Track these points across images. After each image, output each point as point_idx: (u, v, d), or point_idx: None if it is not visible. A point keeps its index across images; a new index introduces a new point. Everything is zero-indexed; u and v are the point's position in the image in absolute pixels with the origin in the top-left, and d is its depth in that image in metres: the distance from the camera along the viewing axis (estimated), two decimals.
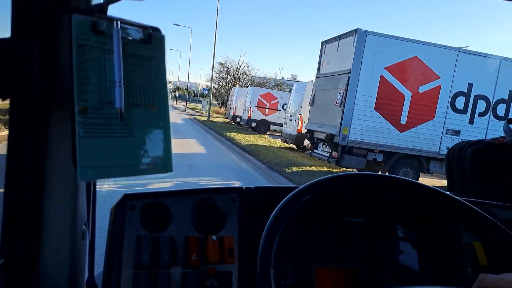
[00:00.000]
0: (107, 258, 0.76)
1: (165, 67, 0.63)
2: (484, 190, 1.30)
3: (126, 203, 0.78)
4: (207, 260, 0.77)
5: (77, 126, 0.54)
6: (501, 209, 0.99)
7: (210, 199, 0.83)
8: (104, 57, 0.57)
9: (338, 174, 0.74)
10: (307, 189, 0.71)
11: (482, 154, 1.32)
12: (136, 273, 0.74)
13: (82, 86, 0.55)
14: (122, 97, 0.57)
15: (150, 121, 0.61)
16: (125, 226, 0.77)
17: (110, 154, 0.57)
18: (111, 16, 0.57)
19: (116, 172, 0.58)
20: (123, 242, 0.75)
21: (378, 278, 0.95)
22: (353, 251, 0.97)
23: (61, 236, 0.63)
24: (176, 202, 0.81)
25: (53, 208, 0.62)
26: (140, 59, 0.60)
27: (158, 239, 0.76)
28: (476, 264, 0.90)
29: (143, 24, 0.61)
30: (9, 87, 0.51)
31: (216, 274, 0.77)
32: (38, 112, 0.57)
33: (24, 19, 0.54)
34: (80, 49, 0.54)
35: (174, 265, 0.76)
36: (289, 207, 0.68)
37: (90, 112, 0.55)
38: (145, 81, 0.61)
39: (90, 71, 0.55)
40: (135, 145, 0.60)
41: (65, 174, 0.61)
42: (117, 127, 0.58)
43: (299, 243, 0.94)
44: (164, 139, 0.63)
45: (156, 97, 0.62)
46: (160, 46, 0.63)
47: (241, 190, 0.86)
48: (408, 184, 0.77)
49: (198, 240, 0.78)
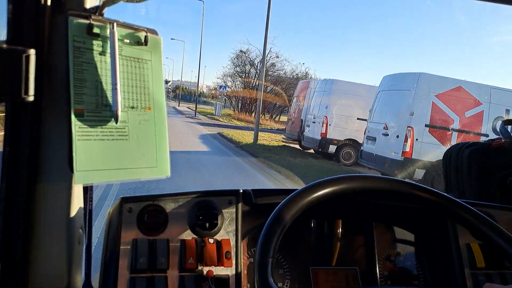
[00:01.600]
0: (104, 262, 0.75)
1: (161, 69, 0.63)
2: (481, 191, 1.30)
3: (123, 206, 0.78)
4: (204, 263, 0.77)
5: (73, 129, 0.54)
6: (498, 210, 0.99)
7: (207, 201, 0.83)
8: (100, 59, 0.56)
9: (336, 177, 0.74)
10: (305, 192, 0.71)
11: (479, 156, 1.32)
12: (132, 276, 0.73)
13: (78, 89, 0.54)
14: (118, 99, 0.56)
15: (147, 123, 0.61)
16: (122, 229, 0.76)
17: (107, 157, 0.57)
18: (107, 19, 0.57)
19: (113, 175, 0.58)
20: (120, 245, 0.75)
21: (375, 280, 0.95)
22: (350, 253, 0.97)
23: (57, 240, 0.63)
24: (172, 205, 0.81)
25: (49, 212, 0.61)
26: (136, 61, 0.60)
27: (155, 242, 0.76)
28: (474, 265, 0.90)
29: (139, 26, 0.61)
30: (5, 90, 0.51)
31: (213, 277, 0.77)
32: (34, 115, 0.56)
33: (20, 22, 0.53)
34: (76, 51, 0.54)
35: (171, 269, 0.75)
36: (288, 209, 0.68)
37: (86, 114, 0.55)
38: (141, 83, 0.61)
39: (86, 73, 0.55)
40: (132, 147, 0.60)
41: (61, 178, 0.61)
42: (113, 129, 0.58)
43: (296, 245, 0.94)
44: (161, 142, 0.63)
45: (153, 99, 0.62)
46: (156, 48, 0.62)
47: (238, 192, 0.86)
48: (406, 186, 0.77)
49: (195, 243, 0.78)
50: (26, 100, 0.53)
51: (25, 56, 0.52)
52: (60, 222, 0.62)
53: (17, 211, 0.58)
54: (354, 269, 0.95)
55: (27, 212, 0.59)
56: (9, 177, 0.57)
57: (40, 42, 0.54)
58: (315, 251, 0.95)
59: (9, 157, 0.56)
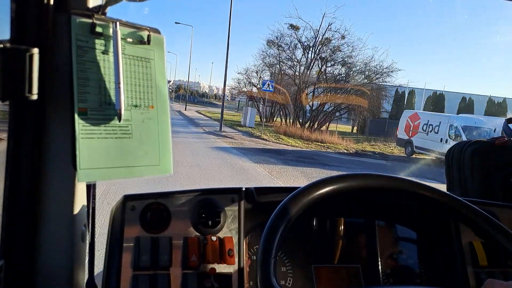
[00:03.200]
0: (107, 259, 0.76)
1: (164, 68, 0.63)
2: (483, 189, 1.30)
3: (126, 204, 0.78)
4: (206, 261, 0.77)
5: (76, 127, 0.54)
6: (501, 209, 0.99)
7: (209, 199, 0.83)
8: (103, 58, 0.57)
9: (339, 175, 0.74)
10: (308, 189, 0.71)
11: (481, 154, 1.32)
12: (135, 274, 0.74)
13: (81, 87, 0.55)
14: (121, 98, 0.57)
15: (150, 122, 0.61)
16: (125, 227, 0.76)
17: (110, 155, 0.57)
18: (110, 18, 0.57)
19: (116, 173, 0.58)
20: (122, 243, 0.75)
21: (377, 278, 0.95)
22: (352, 251, 0.97)
23: (60, 238, 0.63)
24: (175, 203, 0.81)
25: (52, 210, 0.62)
26: (139, 60, 0.60)
27: (157, 240, 0.76)
28: (476, 263, 0.90)
29: (142, 26, 0.61)
30: (8, 88, 0.51)
31: (216, 274, 0.77)
32: (37, 113, 0.57)
33: (23, 21, 0.54)
34: (79, 50, 0.54)
35: (173, 266, 0.76)
36: (290, 206, 0.68)
37: (89, 113, 0.56)
38: (144, 82, 0.61)
39: (90, 72, 0.55)
40: (135, 146, 0.60)
41: (64, 175, 0.61)
42: (117, 128, 0.58)
43: (299, 243, 0.94)
44: (164, 140, 0.63)
45: (156, 98, 0.62)
46: (159, 47, 0.63)
47: (241, 190, 0.86)
48: (408, 184, 0.77)
49: (198, 240, 0.78)
50: (29, 98, 0.53)
51: (28, 55, 0.52)
52: (64, 220, 0.63)
53: (20, 208, 0.58)
54: (357, 267, 0.95)
55: (30, 210, 0.59)
56: (13, 175, 0.57)
57: (43, 41, 0.55)
58: (317, 249, 0.95)
59: (13, 155, 0.57)
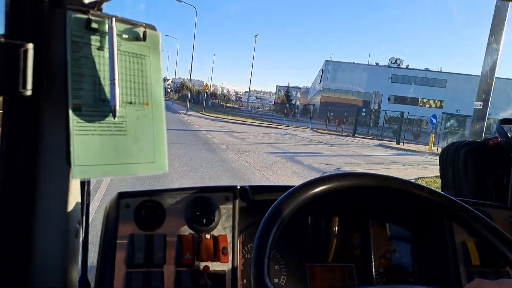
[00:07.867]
0: (101, 257, 0.75)
1: (160, 64, 0.63)
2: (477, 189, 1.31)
3: (120, 201, 0.78)
4: (200, 259, 0.77)
5: (71, 124, 0.54)
6: (494, 209, 0.99)
7: (204, 197, 0.83)
8: (98, 54, 0.56)
9: (333, 174, 0.75)
10: (303, 188, 0.71)
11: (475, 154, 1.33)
12: (129, 271, 0.74)
13: (76, 83, 0.54)
14: (116, 94, 0.56)
15: (145, 119, 0.61)
16: (119, 224, 0.76)
17: (104, 152, 0.57)
18: (106, 14, 0.57)
19: (111, 170, 0.58)
20: (116, 240, 0.75)
21: (371, 277, 0.95)
22: (346, 249, 0.97)
23: (54, 235, 0.63)
24: (170, 200, 0.81)
25: (46, 206, 0.61)
26: (134, 56, 0.60)
27: (151, 238, 0.76)
28: (469, 263, 0.91)
29: (138, 22, 0.61)
30: (2, 84, 0.51)
31: (210, 272, 0.77)
32: (31, 109, 0.56)
33: (18, 16, 0.53)
34: (74, 46, 0.54)
35: (167, 264, 0.76)
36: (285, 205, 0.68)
37: (84, 109, 0.55)
38: (139, 79, 0.61)
39: (84, 68, 0.55)
40: (129, 143, 0.60)
41: (58, 172, 0.61)
42: (111, 124, 0.58)
43: (293, 241, 0.94)
44: (159, 137, 0.63)
45: (151, 95, 0.62)
46: (155, 44, 0.62)
47: (235, 189, 0.86)
48: (402, 183, 0.77)
49: (192, 238, 0.78)
50: (23, 94, 0.53)
51: (23, 50, 0.52)
52: (58, 216, 0.63)
53: (14, 205, 0.58)
54: (350, 265, 0.96)
55: (24, 206, 0.59)
56: (7, 171, 0.57)
57: (38, 37, 0.54)
58: (311, 247, 0.95)
59: (7, 151, 0.56)
